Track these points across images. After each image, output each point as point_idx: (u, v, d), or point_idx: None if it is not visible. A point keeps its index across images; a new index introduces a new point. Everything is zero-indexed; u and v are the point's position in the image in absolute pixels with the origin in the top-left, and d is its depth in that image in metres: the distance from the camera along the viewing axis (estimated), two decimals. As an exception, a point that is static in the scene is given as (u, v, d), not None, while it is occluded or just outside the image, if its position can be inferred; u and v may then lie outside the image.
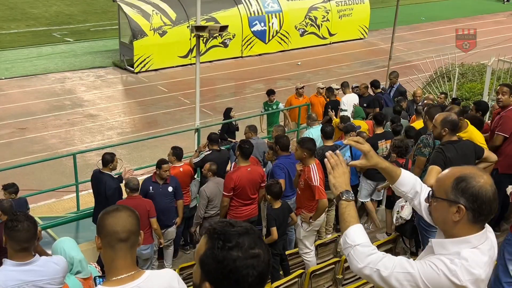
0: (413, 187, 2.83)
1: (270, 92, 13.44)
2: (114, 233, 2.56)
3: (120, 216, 2.60)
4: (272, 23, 24.68)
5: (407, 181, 2.86)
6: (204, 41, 20.27)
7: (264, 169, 8.28)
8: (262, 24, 24.42)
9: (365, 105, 12.31)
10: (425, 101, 11.71)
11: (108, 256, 2.60)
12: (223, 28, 11.27)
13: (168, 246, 8.47)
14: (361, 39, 27.60)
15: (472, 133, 5.84)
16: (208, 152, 9.14)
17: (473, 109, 8.16)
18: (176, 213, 8.35)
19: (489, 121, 8.30)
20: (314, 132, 9.74)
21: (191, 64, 21.39)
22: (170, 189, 8.10)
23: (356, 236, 2.51)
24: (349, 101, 12.34)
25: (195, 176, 9.44)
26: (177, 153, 8.67)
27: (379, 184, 8.39)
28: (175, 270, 7.48)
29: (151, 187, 8.02)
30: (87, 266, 4.39)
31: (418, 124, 8.84)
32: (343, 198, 2.58)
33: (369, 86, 13.06)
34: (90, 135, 16.38)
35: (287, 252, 7.38)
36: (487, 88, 12.90)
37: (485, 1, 36.40)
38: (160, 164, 8.03)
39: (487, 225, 2.46)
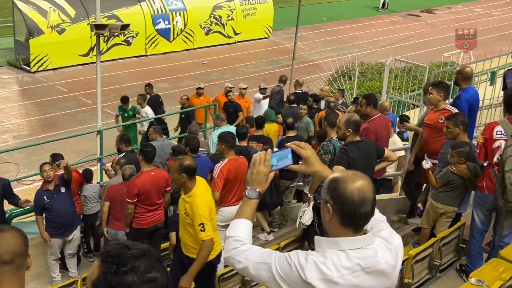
0: None
1: (124, 101, 12.89)
2: None
3: (3, 237, 2.39)
4: (177, 21, 24.38)
5: None
6: (105, 39, 19.63)
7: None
8: (166, 22, 24.06)
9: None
10: (327, 98, 12.04)
11: None
12: (125, 26, 11.00)
13: (73, 254, 8.12)
14: (265, 38, 27.89)
15: (195, 199, 5.25)
16: (121, 155, 8.95)
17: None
18: (77, 215, 8.04)
19: None
20: (223, 132, 9.69)
21: (92, 63, 20.63)
22: (63, 189, 7.70)
23: (234, 229, 2.58)
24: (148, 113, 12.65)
25: (97, 182, 9.12)
26: (57, 160, 8.26)
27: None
28: (78, 280, 7.17)
29: (45, 197, 7.60)
30: None
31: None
32: (246, 194, 2.62)
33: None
34: (-17, 139, 15.41)
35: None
36: (385, 86, 13.42)
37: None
38: (41, 167, 7.69)
39: (391, 240, 2.48)
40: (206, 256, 5.30)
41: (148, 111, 12.65)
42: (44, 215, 7.70)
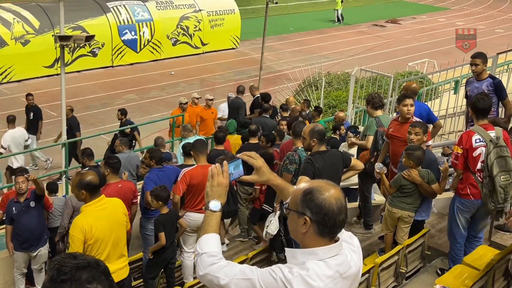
0: None
1: None
2: None
3: None
4: (143, 32, 24.25)
5: None
6: (70, 50, 19.40)
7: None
8: (133, 33, 23.90)
9: None
10: (293, 107, 12.10)
11: None
12: (89, 37, 10.88)
13: (40, 269, 7.96)
14: (233, 49, 27.95)
15: (77, 217, 5.21)
16: (86, 169, 8.80)
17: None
18: (47, 231, 7.90)
19: None
20: (190, 144, 9.62)
21: (57, 75, 20.33)
22: (32, 204, 7.57)
23: (206, 244, 2.53)
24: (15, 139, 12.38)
25: (59, 194, 8.96)
26: (22, 174, 8.10)
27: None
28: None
29: (13, 208, 7.50)
30: None
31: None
32: (208, 208, 2.60)
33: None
34: None
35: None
36: (351, 96, 13.56)
37: (347, 13, 38.01)
38: (14, 178, 7.59)
39: (353, 242, 2.52)
40: None
41: (8, 137, 12.22)
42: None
